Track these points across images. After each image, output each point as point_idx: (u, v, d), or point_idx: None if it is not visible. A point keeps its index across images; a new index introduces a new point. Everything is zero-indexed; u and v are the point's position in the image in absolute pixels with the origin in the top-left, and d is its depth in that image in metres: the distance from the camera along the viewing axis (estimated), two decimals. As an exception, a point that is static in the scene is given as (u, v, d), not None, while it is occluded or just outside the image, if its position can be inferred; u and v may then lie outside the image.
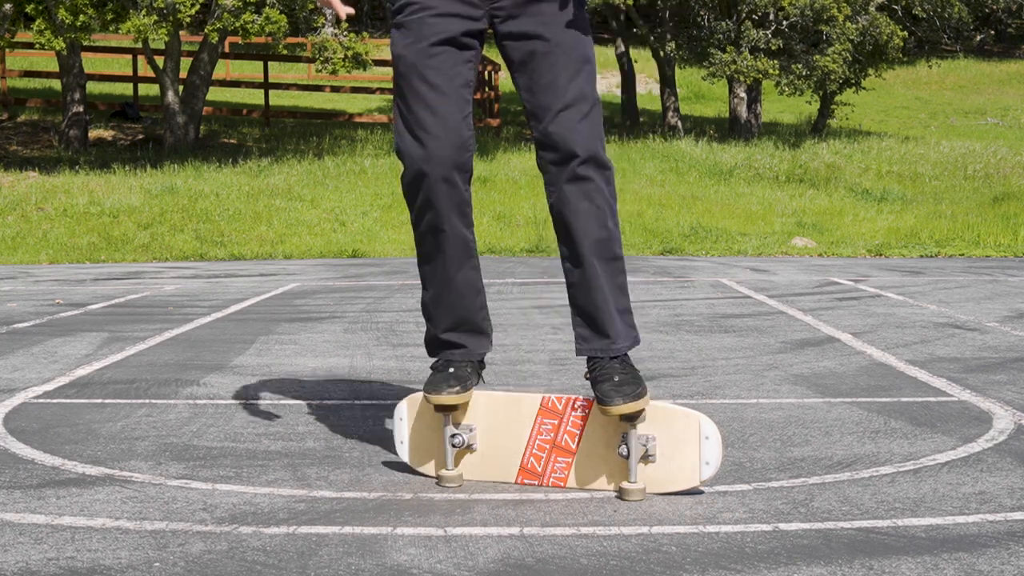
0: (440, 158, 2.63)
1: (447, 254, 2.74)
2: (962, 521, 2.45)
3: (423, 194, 2.67)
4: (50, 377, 4.42)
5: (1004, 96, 32.47)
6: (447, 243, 2.73)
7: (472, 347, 2.81)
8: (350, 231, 13.73)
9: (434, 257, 2.77)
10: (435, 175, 2.64)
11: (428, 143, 2.63)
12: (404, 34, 2.67)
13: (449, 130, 2.63)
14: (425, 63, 2.64)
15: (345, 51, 18.61)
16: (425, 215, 2.70)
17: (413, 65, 2.65)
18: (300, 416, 3.64)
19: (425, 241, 2.76)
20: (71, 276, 9.90)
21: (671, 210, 14.74)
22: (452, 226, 2.70)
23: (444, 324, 2.80)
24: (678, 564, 2.20)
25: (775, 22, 21.74)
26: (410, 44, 2.66)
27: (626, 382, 2.63)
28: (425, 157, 2.63)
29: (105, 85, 23.72)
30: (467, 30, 2.67)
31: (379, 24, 42.10)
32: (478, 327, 2.83)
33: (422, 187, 2.66)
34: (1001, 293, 7.60)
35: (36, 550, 2.30)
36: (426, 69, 2.64)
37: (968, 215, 14.95)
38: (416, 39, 2.65)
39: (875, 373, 4.40)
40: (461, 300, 2.79)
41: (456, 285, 2.78)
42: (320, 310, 6.81)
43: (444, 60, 2.65)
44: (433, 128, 2.63)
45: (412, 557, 2.25)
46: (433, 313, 2.82)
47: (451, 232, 2.71)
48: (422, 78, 2.64)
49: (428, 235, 2.74)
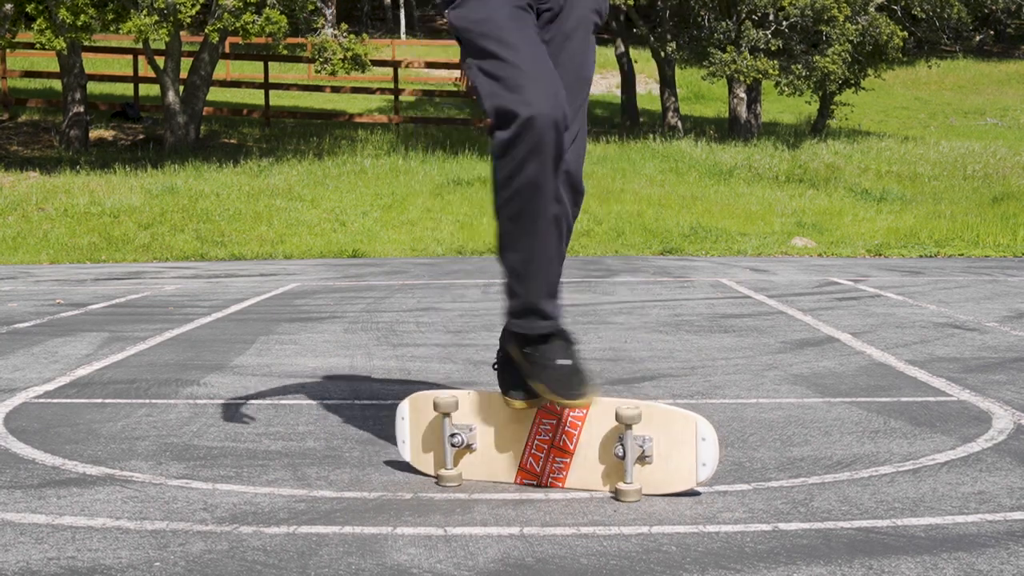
0: (549, 104, 2.56)
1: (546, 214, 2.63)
2: (961, 521, 2.45)
3: (530, 142, 2.55)
4: (51, 377, 4.43)
5: (1003, 96, 32.47)
6: (546, 201, 2.62)
7: (557, 316, 2.71)
8: (350, 231, 13.73)
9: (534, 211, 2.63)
10: (543, 121, 2.54)
11: (535, 91, 2.55)
12: (474, 4, 2.64)
13: (553, 77, 2.60)
14: (511, 21, 2.62)
15: (344, 52, 18.63)
16: (528, 165, 2.58)
17: (501, 22, 2.61)
18: (300, 416, 3.64)
19: (522, 200, 2.61)
20: (72, 276, 9.90)
21: (671, 210, 14.74)
22: (552, 185, 2.61)
23: (542, 291, 2.68)
24: (678, 564, 2.20)
25: (775, 22, 21.74)
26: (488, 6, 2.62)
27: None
28: (535, 103, 2.54)
29: (106, 85, 23.73)
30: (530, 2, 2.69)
31: (379, 25, 42.11)
32: (558, 294, 2.73)
33: (529, 135, 2.55)
34: (1000, 293, 7.60)
35: (37, 550, 2.31)
36: (514, 21, 2.62)
37: (967, 215, 14.95)
38: (494, 4, 2.63)
39: (875, 373, 4.40)
40: (552, 263, 2.69)
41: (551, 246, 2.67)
42: (320, 310, 6.82)
43: (525, 20, 2.65)
44: (534, 74, 2.57)
45: (412, 557, 2.25)
46: (525, 277, 2.68)
47: (550, 190, 2.62)
48: (513, 30, 2.61)
49: (527, 193, 2.61)
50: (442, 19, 46.78)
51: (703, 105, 29.28)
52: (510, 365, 2.77)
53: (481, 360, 4.76)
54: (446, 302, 7.23)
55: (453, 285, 8.52)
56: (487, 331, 5.72)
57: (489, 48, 2.62)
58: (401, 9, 41.30)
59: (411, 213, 14.69)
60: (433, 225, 14.06)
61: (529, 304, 2.69)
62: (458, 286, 8.43)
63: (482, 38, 2.63)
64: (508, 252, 2.69)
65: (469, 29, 2.64)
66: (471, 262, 11.45)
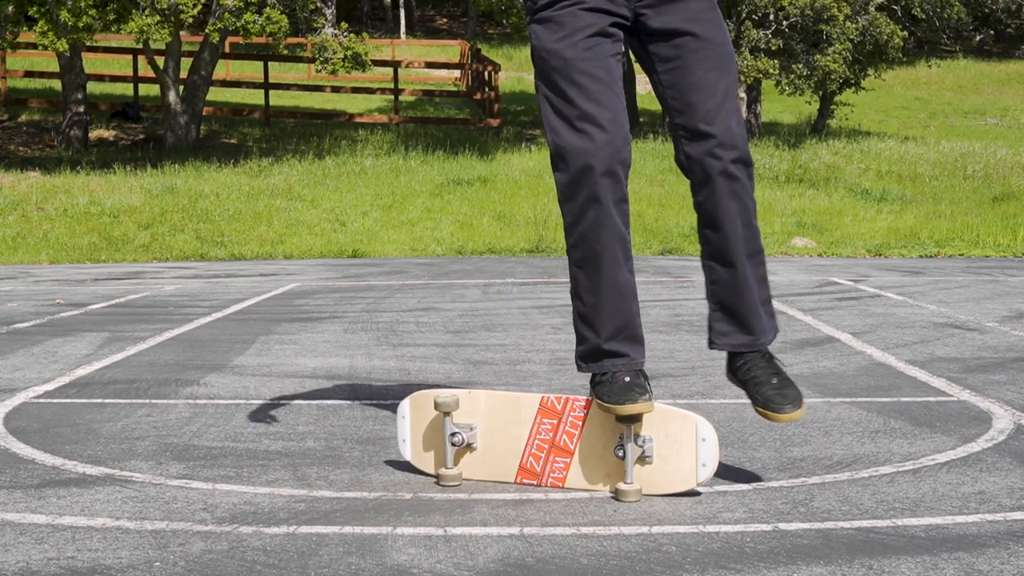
0: (607, 151, 2.56)
1: (610, 253, 2.63)
2: (962, 521, 2.45)
3: (587, 189, 2.57)
4: (50, 377, 4.43)
5: (1003, 96, 32.47)
6: (611, 240, 2.62)
7: (634, 355, 2.68)
8: (350, 231, 13.73)
9: (597, 258, 2.64)
10: (601, 168, 2.56)
11: (596, 136, 2.56)
12: (553, 28, 2.62)
13: (616, 122, 2.59)
14: (584, 56, 2.59)
15: (345, 51, 18.63)
16: (588, 212, 2.60)
17: (572, 59, 2.59)
18: (300, 416, 3.64)
19: (586, 241, 2.63)
20: (71, 276, 9.90)
21: (671, 210, 14.74)
22: (615, 224, 2.61)
23: (606, 332, 2.66)
24: (678, 564, 2.20)
25: (775, 22, 21.74)
26: (563, 38, 2.60)
27: (787, 384, 2.69)
28: (593, 151, 2.56)
29: (106, 85, 23.74)
30: (615, 23, 2.64)
31: (379, 25, 42.10)
32: (637, 334, 2.71)
33: (587, 182, 2.57)
34: (1001, 293, 7.60)
35: (37, 550, 2.31)
36: (586, 62, 2.59)
37: (968, 215, 14.96)
38: (569, 32, 2.60)
39: (875, 373, 4.40)
40: (623, 304, 2.67)
41: (619, 286, 2.66)
42: (320, 310, 6.82)
43: (600, 52, 2.61)
44: (602, 120, 2.57)
45: (412, 557, 2.25)
46: (594, 321, 2.67)
47: (614, 229, 2.62)
48: (583, 71, 2.58)
49: (590, 234, 2.62)
50: (442, 19, 46.77)
51: (703, 105, 29.22)
52: None
53: (481, 360, 4.76)
54: (446, 302, 7.23)
55: (453, 285, 8.52)
56: (487, 331, 5.72)
57: (556, 81, 2.61)
58: (401, 9, 41.30)
59: (411, 213, 14.69)
60: (433, 225, 14.07)
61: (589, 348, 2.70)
62: (458, 286, 8.43)
63: (551, 69, 2.61)
64: (578, 296, 2.70)
65: (541, 54, 2.63)
66: (471, 262, 11.45)
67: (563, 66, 2.59)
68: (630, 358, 2.67)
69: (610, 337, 2.66)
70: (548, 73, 2.62)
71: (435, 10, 47.63)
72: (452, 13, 46.64)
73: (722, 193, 2.66)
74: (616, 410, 2.58)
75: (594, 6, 2.62)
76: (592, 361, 2.69)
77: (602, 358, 2.67)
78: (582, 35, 2.60)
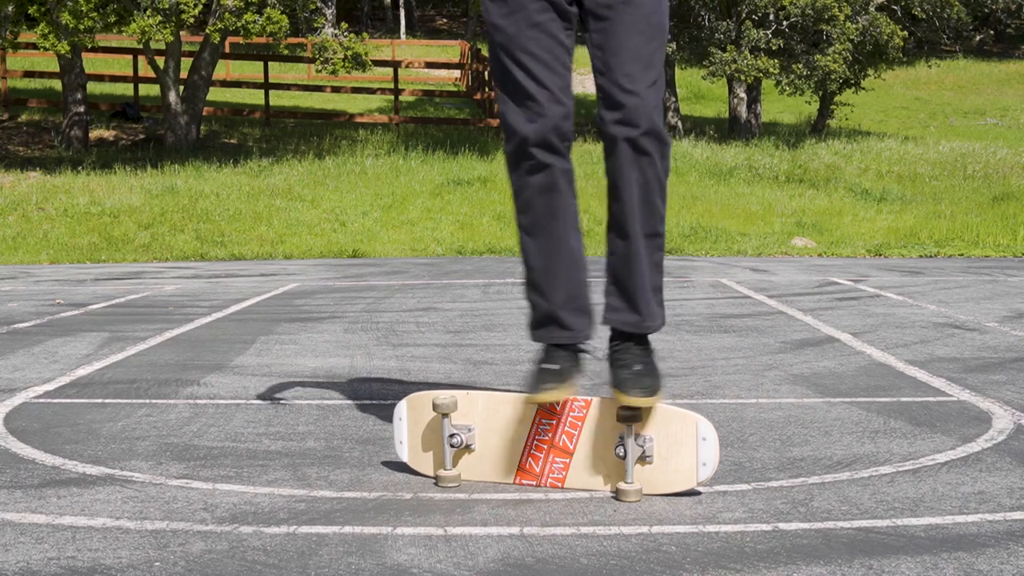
0: (544, 124, 2.61)
1: (560, 217, 2.67)
2: (961, 521, 2.46)
3: (528, 159, 2.64)
4: (51, 377, 4.43)
5: (1003, 96, 32.48)
6: (560, 204, 2.67)
7: (580, 328, 2.72)
8: (350, 231, 13.74)
9: (545, 223, 2.68)
10: (535, 139, 2.61)
11: (533, 109, 2.62)
12: (499, 4, 2.67)
13: (553, 99, 2.62)
14: (527, 33, 2.64)
15: (345, 51, 18.64)
16: (532, 178, 2.65)
17: (514, 35, 2.64)
18: (300, 416, 3.64)
19: (533, 207, 2.68)
20: (72, 276, 9.90)
21: (671, 210, 14.67)
22: (559, 189, 2.66)
23: (557, 298, 2.69)
24: (678, 564, 2.20)
25: (775, 22, 21.74)
26: (508, 14, 2.65)
27: (647, 373, 2.64)
28: (529, 124, 2.61)
29: (106, 85, 23.75)
30: (558, 4, 2.67)
31: (379, 25, 42.11)
32: (586, 306, 2.73)
33: (526, 152, 2.63)
34: (1000, 293, 7.61)
35: (37, 550, 2.31)
36: (528, 40, 2.63)
37: (967, 215, 14.97)
38: (514, 9, 2.65)
39: (874, 373, 4.40)
40: (573, 271, 2.70)
41: (569, 252, 2.69)
42: (320, 310, 6.82)
43: (544, 29, 2.65)
44: (539, 96, 2.61)
45: (412, 557, 2.25)
46: (543, 287, 2.71)
47: (559, 195, 2.66)
48: (524, 48, 2.63)
49: (536, 199, 2.67)
50: (442, 19, 46.77)
51: (703, 105, 29.29)
52: None
53: (481, 360, 4.76)
54: (446, 302, 7.23)
55: (453, 285, 8.53)
56: (487, 331, 5.72)
57: (501, 57, 2.67)
58: (401, 9, 41.31)
59: (411, 213, 14.69)
60: (433, 225, 14.07)
61: (540, 314, 2.73)
62: (458, 286, 8.43)
63: (497, 45, 2.67)
64: (527, 264, 2.73)
65: (488, 28, 2.70)
66: (471, 262, 11.46)
67: (506, 42, 2.65)
68: (576, 332, 2.70)
69: (561, 304, 2.70)
70: (494, 47, 2.69)
71: (435, 10, 47.65)
72: (452, 13, 46.66)
73: (625, 162, 2.63)
74: (529, 398, 2.65)
75: None
76: (540, 328, 2.73)
77: (550, 324, 2.70)
78: (525, 12, 2.64)
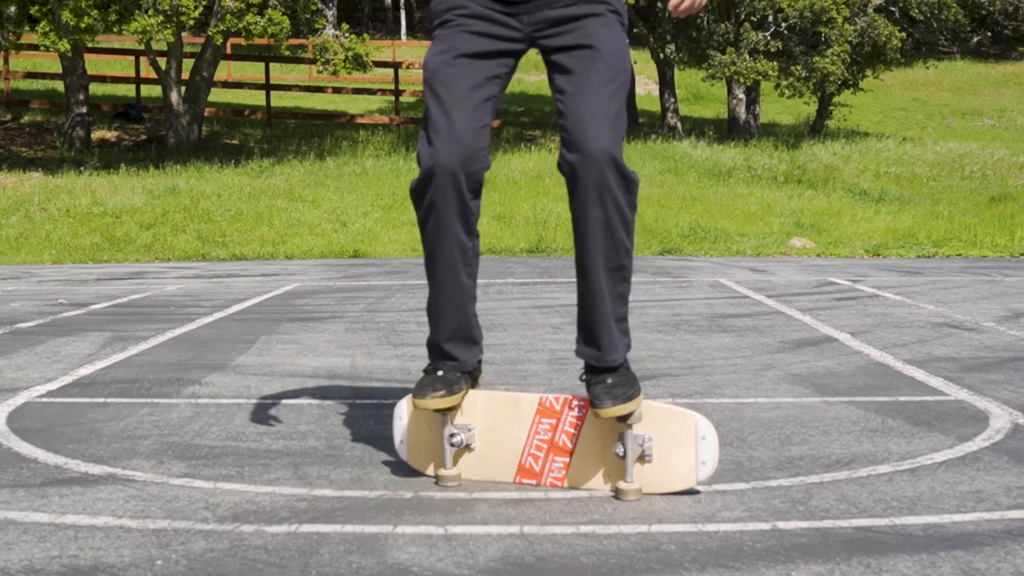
0: (447, 162, 2.63)
1: (446, 258, 2.74)
2: (959, 519, 2.47)
3: (429, 195, 2.68)
4: (53, 376, 4.44)
5: (1000, 97, 32.49)
6: (448, 246, 2.72)
7: (464, 359, 2.82)
8: (351, 231, 13.74)
9: (435, 260, 2.76)
10: (441, 176, 2.64)
11: (437, 144, 2.64)
12: (436, 43, 2.73)
13: (458, 136, 2.63)
14: (447, 70, 2.67)
15: (346, 52, 18.64)
16: (430, 217, 2.71)
17: (435, 71, 2.69)
18: (301, 415, 3.66)
19: (428, 244, 2.76)
20: (74, 276, 9.91)
21: (670, 210, 14.75)
22: (454, 230, 2.70)
23: (444, 332, 2.80)
24: (677, 562, 2.22)
25: (774, 24, 21.75)
26: (439, 52, 2.71)
27: (619, 383, 2.65)
28: (433, 158, 2.64)
29: (108, 86, 23.75)
30: (500, 50, 2.71)
31: (379, 26, 42.11)
32: (470, 336, 2.83)
33: (428, 188, 2.67)
34: (998, 293, 7.62)
35: (39, 548, 2.32)
36: (447, 77, 2.67)
37: (965, 215, 14.98)
38: (446, 49, 2.70)
39: (873, 373, 4.42)
40: (457, 307, 2.78)
41: (456, 289, 2.77)
42: (321, 310, 6.83)
43: (467, 70, 2.68)
44: (444, 131, 2.64)
45: (413, 555, 2.26)
46: (435, 318, 2.81)
47: (453, 236, 2.71)
48: (443, 84, 2.67)
49: (431, 237, 2.74)
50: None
51: (702, 106, 29.29)
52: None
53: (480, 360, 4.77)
54: (446, 302, 7.23)
55: (453, 285, 8.52)
56: (487, 331, 5.70)
57: (424, 91, 2.74)
58: (402, 10, 41.31)
59: (411, 213, 14.65)
60: (433, 226, 14.05)
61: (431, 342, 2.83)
62: (458, 286, 8.43)
63: (424, 80, 2.74)
64: (429, 288, 2.83)
65: (424, 64, 2.75)
66: (471, 263, 11.45)
67: (429, 77, 2.71)
68: (460, 362, 2.82)
69: (447, 338, 2.80)
70: (424, 81, 2.74)
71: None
72: (452, 14, 46.55)
73: (588, 201, 2.63)
74: (417, 403, 2.74)
75: (482, 31, 2.70)
76: (431, 352, 2.85)
77: (438, 357, 2.82)
78: (454, 53, 2.69)
